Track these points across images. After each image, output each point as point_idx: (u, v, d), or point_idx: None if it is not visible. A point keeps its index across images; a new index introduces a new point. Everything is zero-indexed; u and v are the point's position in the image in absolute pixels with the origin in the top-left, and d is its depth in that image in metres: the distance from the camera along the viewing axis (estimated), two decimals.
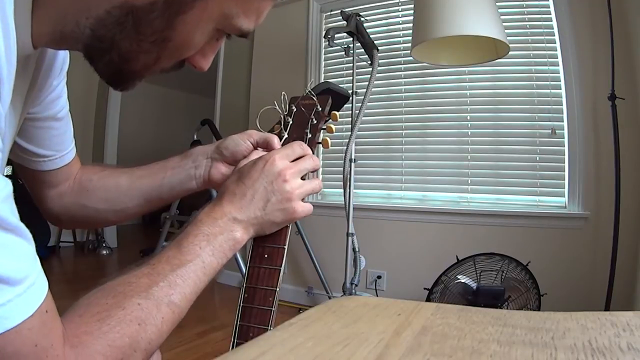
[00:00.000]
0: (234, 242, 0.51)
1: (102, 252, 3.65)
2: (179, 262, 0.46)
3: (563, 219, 2.04)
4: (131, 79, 0.45)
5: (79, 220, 0.69)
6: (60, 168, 0.62)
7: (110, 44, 0.40)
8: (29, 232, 0.33)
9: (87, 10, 0.39)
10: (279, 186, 0.53)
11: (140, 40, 0.41)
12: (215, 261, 0.49)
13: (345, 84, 2.35)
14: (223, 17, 0.42)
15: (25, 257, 0.33)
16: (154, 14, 0.39)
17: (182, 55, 0.45)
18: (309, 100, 0.63)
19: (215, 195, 0.56)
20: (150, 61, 0.43)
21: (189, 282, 0.45)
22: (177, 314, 0.44)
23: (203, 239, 0.48)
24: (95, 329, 0.38)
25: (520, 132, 2.18)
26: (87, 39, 0.40)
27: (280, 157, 0.54)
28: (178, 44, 0.42)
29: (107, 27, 0.39)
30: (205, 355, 1.78)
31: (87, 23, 0.39)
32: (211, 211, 0.51)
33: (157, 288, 0.43)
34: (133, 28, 0.40)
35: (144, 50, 0.42)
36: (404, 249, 2.38)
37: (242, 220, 0.51)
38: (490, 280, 1.73)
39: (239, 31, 0.44)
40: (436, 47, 1.84)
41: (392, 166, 2.50)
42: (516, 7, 2.19)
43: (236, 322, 0.52)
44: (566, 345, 0.31)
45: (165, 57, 0.43)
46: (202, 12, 0.41)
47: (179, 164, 0.66)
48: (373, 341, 0.32)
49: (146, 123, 5.58)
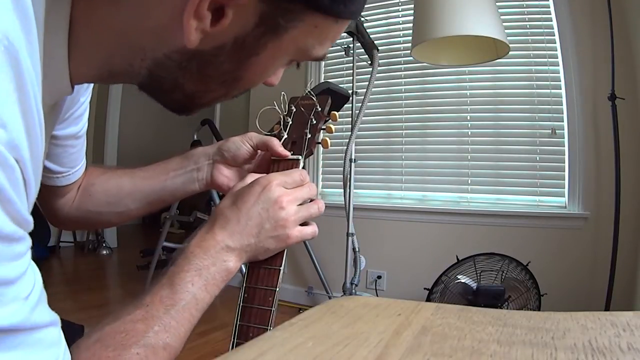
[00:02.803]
0: (226, 272, 0.49)
1: (102, 252, 3.65)
2: (172, 302, 0.45)
3: (563, 219, 2.04)
4: (197, 109, 0.44)
5: (82, 223, 0.69)
6: (72, 182, 0.62)
7: (172, 85, 0.39)
8: (56, 315, 0.33)
9: (141, 53, 0.37)
10: (274, 213, 0.51)
11: (208, 81, 0.39)
12: (207, 296, 0.48)
13: (345, 84, 2.35)
14: (298, 51, 0.41)
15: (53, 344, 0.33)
16: (222, 58, 0.37)
17: (253, 86, 0.44)
18: (309, 100, 0.63)
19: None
20: (219, 97, 0.42)
21: (183, 322, 0.45)
22: (173, 354, 0.45)
23: (195, 274, 0.47)
24: None
25: (520, 132, 2.18)
26: (144, 79, 0.39)
27: (277, 183, 0.52)
28: (250, 81, 0.41)
29: (168, 70, 0.37)
30: (205, 355, 1.78)
31: (143, 64, 0.37)
32: (202, 240, 0.49)
33: (152, 333, 0.43)
34: (198, 72, 0.38)
35: (212, 89, 0.41)
36: (404, 249, 2.38)
37: (235, 248, 0.50)
38: (490, 280, 1.73)
39: (314, 59, 0.43)
40: (436, 47, 1.83)
41: (392, 166, 2.50)
42: (516, 7, 2.19)
43: (236, 322, 0.52)
44: (566, 345, 0.31)
45: (236, 92, 0.43)
46: (275, 50, 0.39)
47: (180, 166, 0.65)
48: (373, 341, 0.32)
49: (146, 123, 5.57)
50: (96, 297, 2.53)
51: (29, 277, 0.29)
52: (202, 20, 0.34)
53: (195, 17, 0.33)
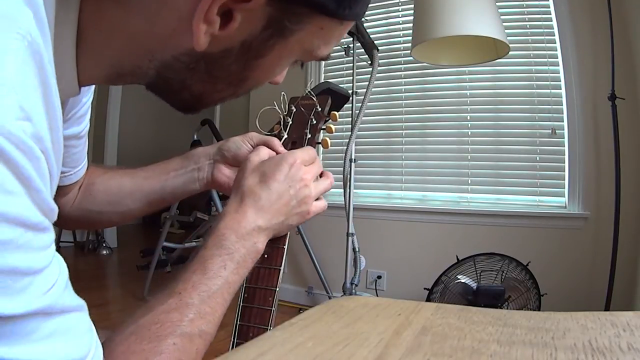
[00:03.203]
0: (256, 254, 0.50)
1: (102, 252, 3.65)
2: (206, 287, 0.45)
3: (563, 219, 2.04)
4: (204, 108, 0.45)
5: (83, 223, 0.69)
6: (73, 182, 0.62)
7: (180, 86, 0.40)
8: (83, 301, 0.33)
9: (149, 55, 0.37)
10: (300, 191, 0.52)
11: (215, 82, 0.40)
12: (238, 278, 0.48)
13: (345, 84, 2.35)
14: (304, 52, 0.42)
15: (86, 331, 0.33)
16: (230, 60, 0.38)
17: (259, 86, 0.45)
18: (309, 100, 0.63)
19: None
20: (226, 96, 0.43)
21: (217, 307, 0.45)
22: (208, 340, 0.45)
23: (227, 258, 0.47)
24: None
25: (520, 132, 2.18)
26: (152, 79, 0.39)
27: (302, 161, 0.53)
28: (257, 81, 0.42)
29: (176, 71, 0.38)
30: (205, 355, 1.78)
31: (151, 65, 0.38)
32: (234, 222, 0.49)
33: (187, 322, 0.43)
34: (206, 73, 0.39)
35: (219, 90, 0.41)
36: (404, 249, 2.38)
37: (265, 228, 0.50)
38: (490, 280, 1.73)
39: (318, 59, 0.44)
40: (436, 47, 1.83)
41: (392, 166, 2.50)
42: (516, 7, 2.19)
43: (236, 322, 0.53)
44: (566, 345, 0.31)
45: (243, 91, 0.44)
46: (282, 51, 0.40)
47: (181, 166, 0.66)
48: (373, 341, 0.32)
49: (146, 123, 5.57)
50: (96, 297, 2.53)
51: (54, 267, 0.30)
52: (212, 25, 0.34)
53: (205, 22, 0.34)
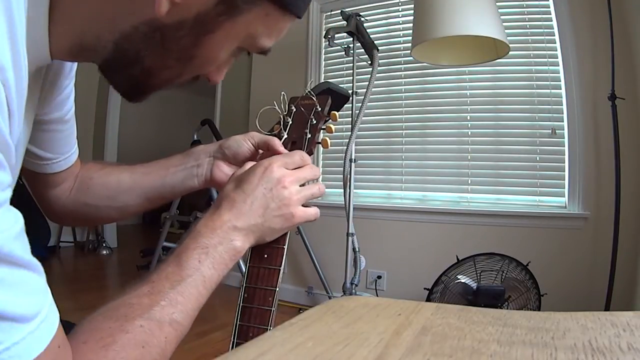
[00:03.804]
0: (234, 251, 0.50)
1: (102, 252, 3.65)
2: (179, 278, 0.45)
3: (563, 219, 2.04)
4: (149, 92, 0.46)
5: (81, 218, 0.69)
6: (63, 170, 0.62)
7: (134, 58, 0.41)
8: (40, 264, 0.33)
9: (111, 25, 0.39)
10: (278, 192, 0.52)
11: (166, 56, 0.42)
12: (215, 274, 0.48)
13: (345, 84, 2.35)
14: (248, 37, 0.44)
15: (37, 292, 0.32)
16: (182, 32, 0.40)
17: (202, 71, 0.46)
18: (309, 100, 0.63)
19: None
20: (172, 76, 0.44)
21: (190, 298, 0.45)
22: (180, 331, 0.44)
23: (202, 252, 0.47)
24: (102, 357, 0.37)
25: (520, 132, 2.18)
26: (109, 53, 0.40)
27: (278, 164, 0.54)
28: (202, 61, 0.44)
29: (133, 42, 0.40)
30: (205, 355, 1.78)
31: (110, 37, 0.39)
32: (209, 221, 0.50)
33: (158, 308, 0.42)
34: (160, 44, 0.40)
35: (168, 66, 0.43)
36: (404, 249, 2.38)
37: (242, 228, 0.50)
38: (490, 280, 1.73)
39: (260, 49, 0.46)
40: (436, 47, 1.84)
41: (392, 166, 2.50)
42: (516, 7, 2.19)
43: (236, 322, 0.52)
44: (566, 345, 0.31)
45: (187, 73, 0.45)
46: (228, 31, 0.42)
47: (181, 162, 0.66)
48: (373, 341, 0.32)
49: (146, 123, 5.58)
50: (96, 297, 2.53)
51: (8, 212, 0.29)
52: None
53: None
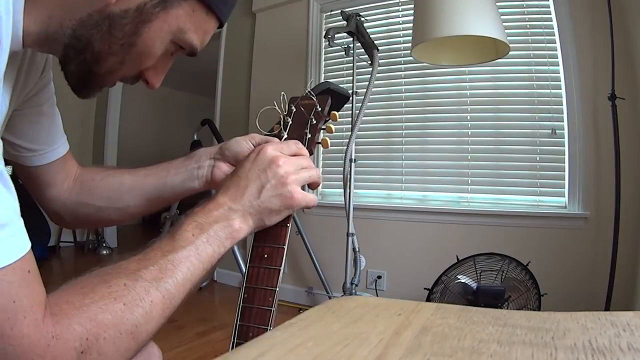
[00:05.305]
0: (231, 230, 0.50)
1: (102, 252, 3.65)
2: (171, 248, 0.45)
3: (563, 219, 2.04)
4: (96, 84, 0.49)
5: (81, 219, 0.69)
6: (53, 163, 0.63)
7: (86, 43, 0.45)
8: (12, 185, 0.35)
9: (72, 13, 0.44)
10: (273, 171, 0.52)
11: (112, 42, 0.46)
12: (210, 249, 0.48)
13: (345, 84, 2.35)
14: (178, 31, 0.48)
15: (5, 205, 0.34)
16: (126, 20, 0.45)
17: (142, 63, 0.49)
18: (309, 100, 0.63)
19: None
20: (115, 64, 0.47)
21: (181, 267, 0.45)
22: (169, 299, 0.43)
23: (196, 227, 0.48)
24: (77, 300, 0.37)
25: (520, 132, 2.18)
26: (68, 39, 0.45)
27: (272, 148, 0.55)
28: (141, 50, 0.47)
29: (87, 28, 0.45)
30: (205, 355, 1.78)
31: (70, 24, 0.44)
32: (206, 204, 0.51)
33: (146, 271, 0.42)
34: (107, 31, 0.45)
35: (113, 51, 0.46)
36: (404, 249, 2.38)
37: (238, 210, 0.51)
38: (490, 280, 1.73)
39: (190, 46, 0.50)
40: (436, 47, 1.84)
41: (392, 166, 2.50)
42: (516, 7, 2.19)
43: (236, 322, 0.52)
44: (566, 345, 0.31)
45: (129, 62, 0.48)
46: (163, 22, 0.47)
47: (182, 164, 0.67)
48: (373, 341, 0.32)
49: (146, 123, 5.58)
50: None
51: None
52: None
53: None
